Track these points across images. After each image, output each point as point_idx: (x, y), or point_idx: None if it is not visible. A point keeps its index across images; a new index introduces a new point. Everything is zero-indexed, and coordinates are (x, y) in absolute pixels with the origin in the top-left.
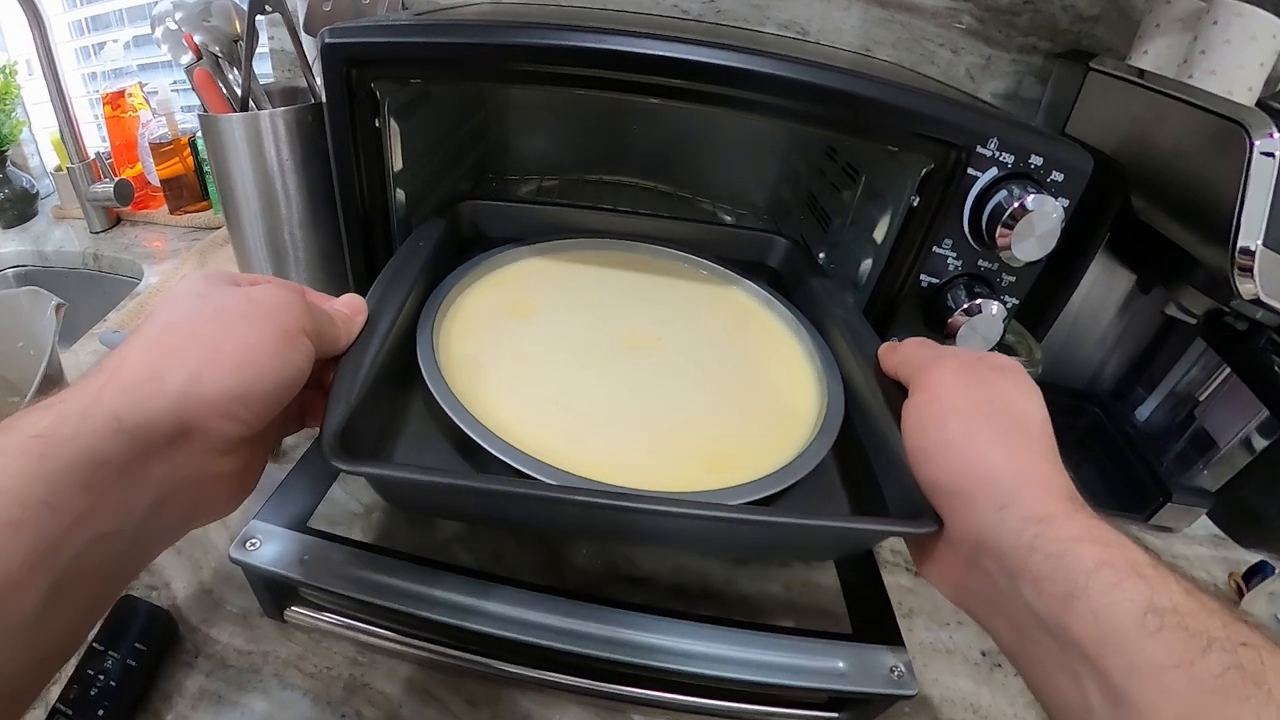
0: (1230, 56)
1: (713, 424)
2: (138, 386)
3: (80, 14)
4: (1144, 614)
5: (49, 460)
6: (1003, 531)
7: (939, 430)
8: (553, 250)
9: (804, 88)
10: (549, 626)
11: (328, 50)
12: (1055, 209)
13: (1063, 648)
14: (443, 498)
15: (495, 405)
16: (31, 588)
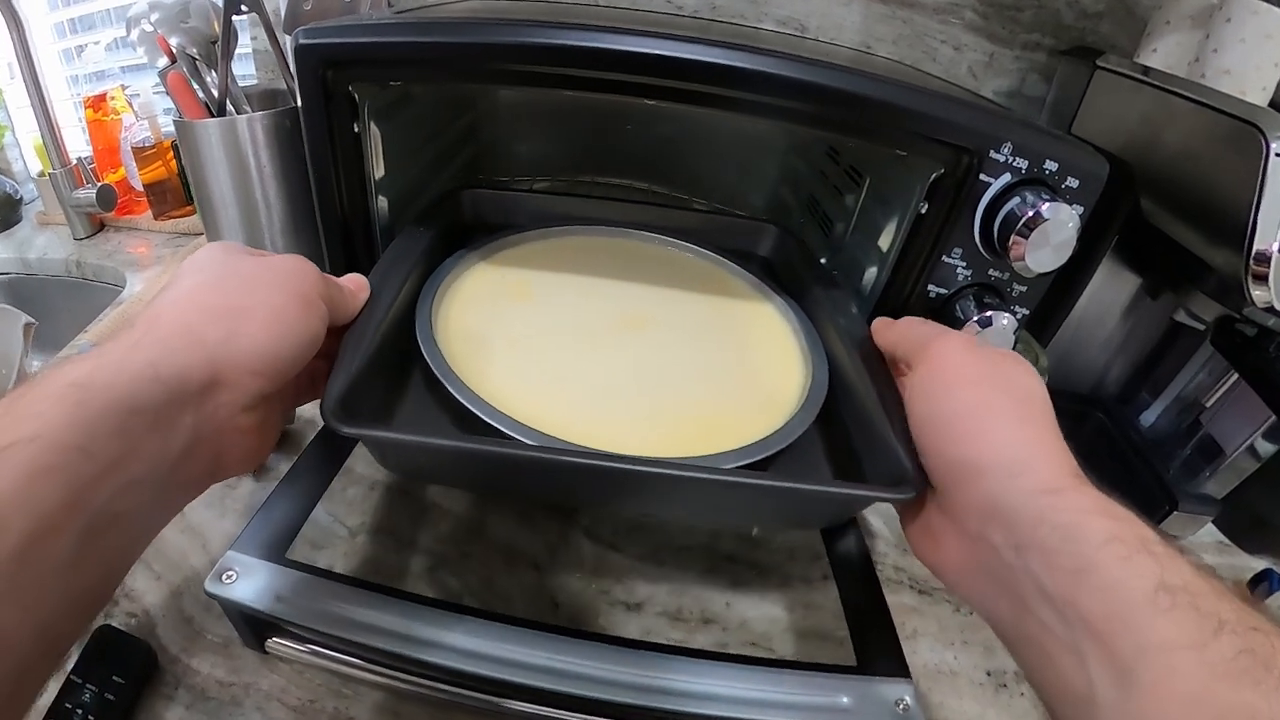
0: (1245, 55)
1: (701, 398)
2: (174, 339)
3: (63, 15)
4: (1155, 591)
5: (85, 407)
6: (1013, 501)
7: (949, 400)
8: (549, 236)
9: (806, 87)
10: (540, 666)
11: (301, 52)
12: (1071, 217)
13: (1068, 626)
14: (433, 459)
15: (490, 378)
16: (67, 531)
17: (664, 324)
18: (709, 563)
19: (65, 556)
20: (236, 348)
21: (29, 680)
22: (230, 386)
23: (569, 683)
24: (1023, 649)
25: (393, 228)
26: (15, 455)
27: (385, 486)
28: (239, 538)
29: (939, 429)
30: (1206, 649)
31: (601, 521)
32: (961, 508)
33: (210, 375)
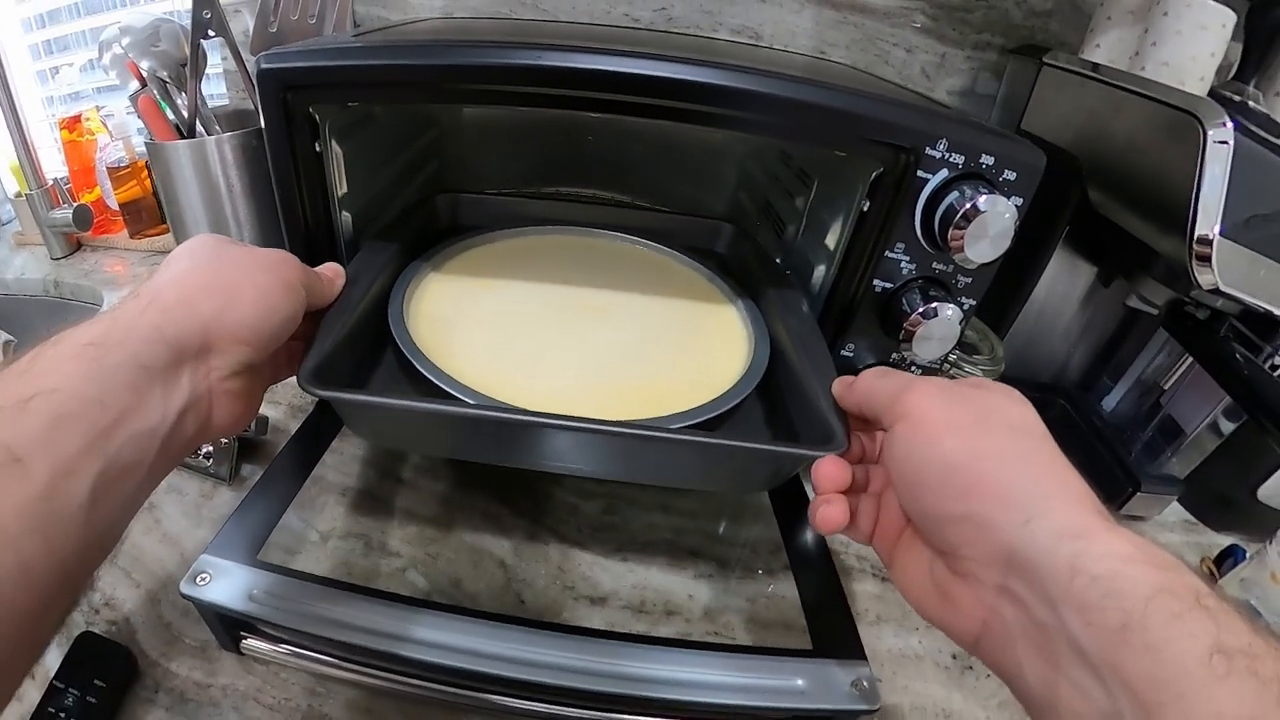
0: (1181, 47)
1: (651, 371)
2: (175, 308)
3: (38, 37)
4: (1210, 655)
5: (100, 364)
6: (1036, 550)
7: (935, 453)
8: (518, 236)
9: (745, 96)
10: (507, 657)
11: (263, 76)
12: (1008, 209)
13: (1110, 694)
14: (392, 420)
15: (455, 355)
16: (85, 474)
17: (621, 311)
18: (672, 557)
19: (83, 498)
20: (228, 319)
21: (50, 615)
22: (220, 352)
23: (535, 672)
24: (1053, 718)
25: (357, 241)
26: (38, 405)
27: (356, 492)
28: (212, 541)
29: (933, 488)
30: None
31: (566, 521)
32: (976, 565)
33: (204, 341)
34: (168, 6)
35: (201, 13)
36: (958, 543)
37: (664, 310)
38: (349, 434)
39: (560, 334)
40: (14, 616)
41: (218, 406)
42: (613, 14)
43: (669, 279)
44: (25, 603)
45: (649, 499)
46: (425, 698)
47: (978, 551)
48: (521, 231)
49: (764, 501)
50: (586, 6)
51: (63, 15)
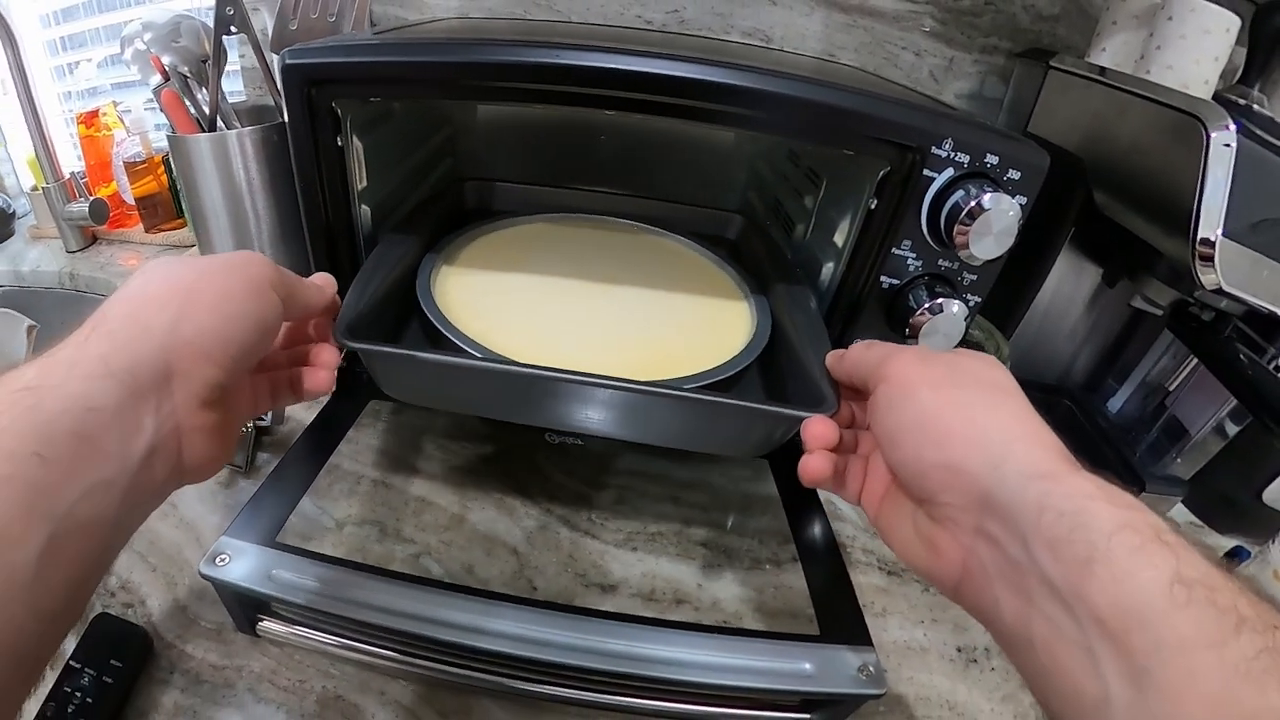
0: (1185, 51)
1: (661, 343)
2: (123, 331)
3: (55, 33)
4: (1171, 584)
5: (38, 411)
6: (1007, 491)
7: (912, 407)
8: (536, 221)
9: (755, 95)
10: (519, 636)
11: (287, 71)
12: (1012, 207)
13: (1079, 624)
14: (415, 373)
15: (477, 321)
16: (27, 541)
17: (633, 290)
18: (681, 547)
19: (28, 570)
20: (185, 331)
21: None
22: (184, 376)
23: (548, 651)
24: (1030, 654)
25: (375, 235)
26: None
27: (371, 481)
28: (231, 524)
29: (910, 437)
30: (1226, 648)
31: (577, 511)
32: (954, 509)
33: (163, 365)
34: (187, 3)
35: (224, 9)
36: (936, 489)
37: (673, 290)
38: (364, 423)
39: (575, 309)
40: None
41: (188, 445)
42: (626, 15)
43: (678, 262)
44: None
45: (659, 490)
46: (439, 679)
47: (954, 497)
48: (540, 217)
49: (772, 493)
50: (600, 8)
51: (79, 11)
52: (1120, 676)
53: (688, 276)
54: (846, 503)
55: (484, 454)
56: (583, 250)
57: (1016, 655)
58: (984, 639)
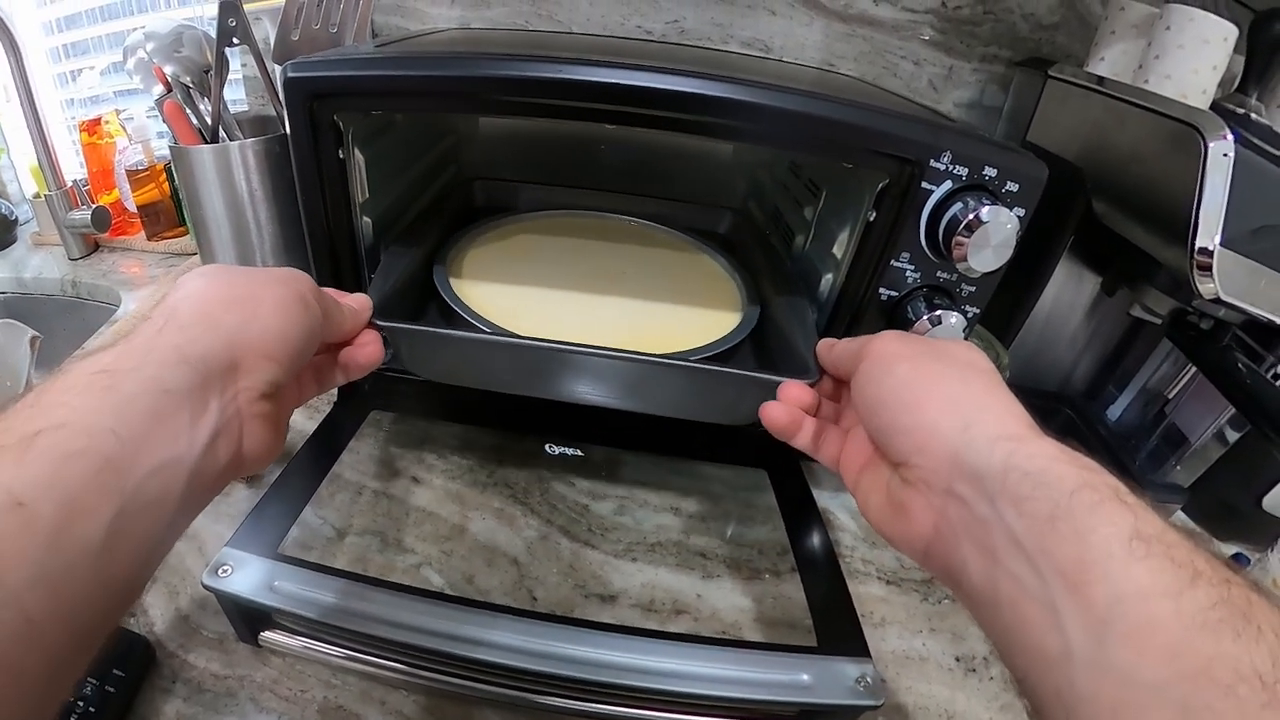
0: (1184, 61)
1: (659, 323)
2: (194, 326)
3: (58, 40)
4: (1129, 539)
5: (115, 391)
6: (975, 452)
7: (890, 377)
8: (545, 217)
9: (756, 109)
10: (520, 648)
11: (290, 84)
12: (1010, 219)
13: (1043, 580)
14: (438, 350)
15: (489, 306)
16: (99, 516)
17: (633, 276)
18: (680, 558)
19: (96, 543)
20: (252, 332)
21: (62, 674)
22: (248, 371)
23: (548, 663)
24: (996, 613)
25: (377, 246)
26: (44, 442)
27: (372, 491)
28: (234, 535)
29: (886, 404)
30: (1183, 598)
31: (577, 521)
32: (926, 471)
33: (230, 359)
34: (187, 13)
35: (227, 21)
36: (909, 451)
37: (670, 278)
38: (365, 434)
39: (581, 297)
40: (19, 681)
41: (249, 432)
42: (626, 26)
43: (673, 253)
44: (33, 665)
45: (659, 500)
46: (440, 689)
47: (926, 459)
48: (548, 214)
49: (771, 504)
50: (601, 19)
51: (82, 19)
52: (1082, 630)
53: (683, 267)
54: (846, 515)
55: (484, 465)
56: (586, 243)
57: (983, 615)
58: (983, 648)
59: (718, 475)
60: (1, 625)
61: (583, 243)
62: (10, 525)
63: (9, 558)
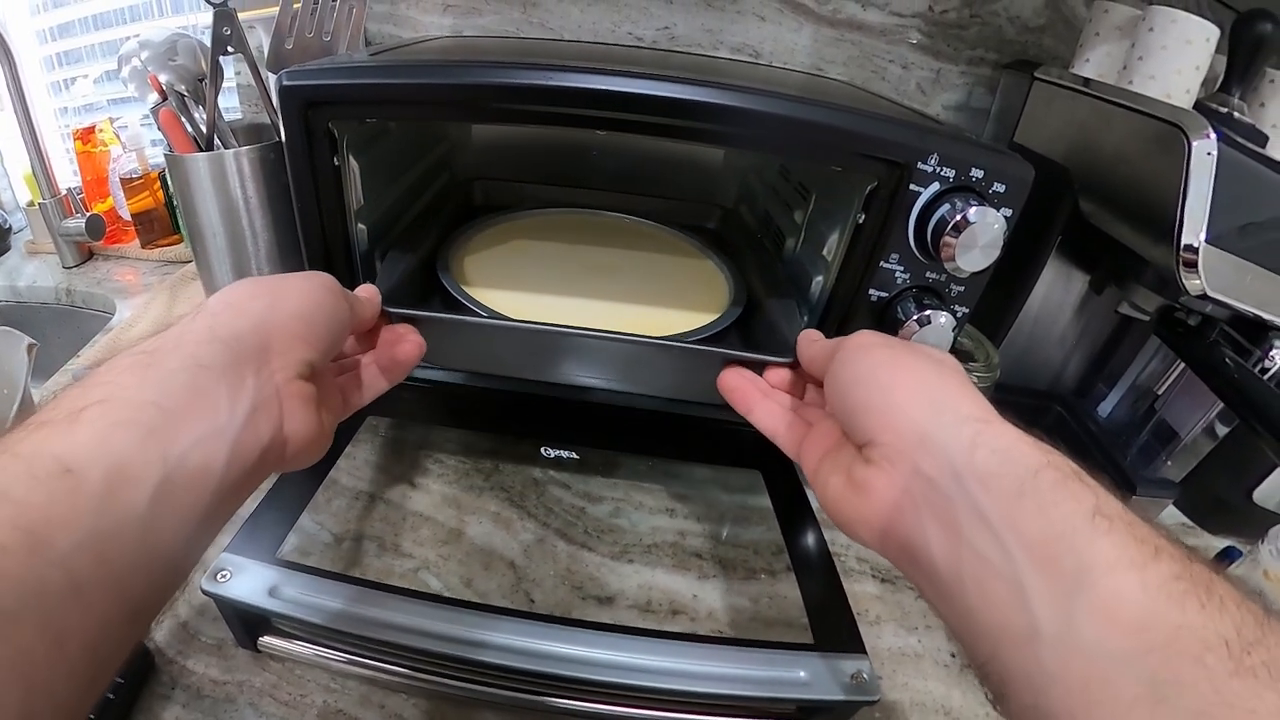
0: (1167, 61)
1: (650, 313)
2: (224, 313)
3: (51, 49)
4: (1093, 515)
5: (156, 367)
6: (943, 428)
7: (866, 359)
8: (539, 215)
9: (746, 115)
10: (519, 649)
11: (285, 93)
12: (997, 220)
13: (1008, 556)
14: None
15: (490, 298)
16: (144, 482)
17: (626, 270)
18: (677, 559)
19: (142, 508)
20: (279, 315)
21: (108, 647)
22: (280, 351)
23: (548, 663)
24: (958, 592)
25: (371, 252)
26: (91, 414)
27: (369, 496)
28: (232, 540)
29: (860, 382)
30: (1148, 570)
31: (574, 524)
32: (892, 449)
33: (262, 339)
34: (180, 21)
35: (222, 29)
36: (877, 429)
37: (660, 271)
38: (361, 439)
39: (577, 285)
40: (62, 644)
41: (289, 412)
42: (618, 33)
43: (664, 247)
44: (77, 629)
45: (654, 503)
46: (440, 692)
47: (893, 436)
48: (543, 211)
49: (766, 505)
50: (592, 25)
51: (75, 28)
52: (1049, 605)
53: (674, 259)
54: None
55: (480, 469)
56: (580, 238)
57: (945, 597)
58: None
59: (712, 477)
60: (48, 586)
61: (577, 239)
62: (58, 490)
63: (57, 521)
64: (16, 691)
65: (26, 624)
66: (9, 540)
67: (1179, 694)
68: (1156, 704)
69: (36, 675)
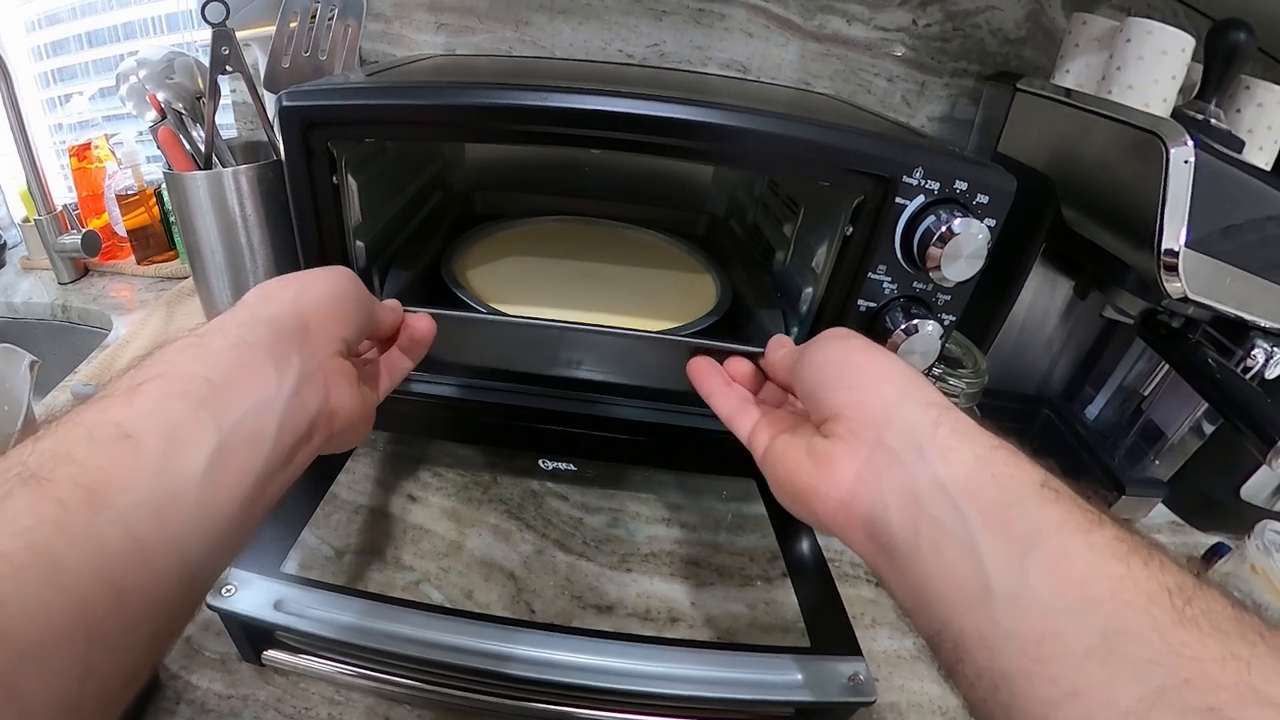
0: (1145, 71)
1: (643, 309)
2: (261, 301)
3: (46, 66)
4: (1041, 486)
5: (204, 346)
6: (908, 410)
7: (841, 344)
8: (536, 223)
9: (736, 133)
10: (520, 657)
11: (285, 113)
12: (981, 230)
13: (964, 520)
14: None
15: (489, 298)
16: (200, 447)
17: (618, 273)
18: (674, 567)
19: (199, 471)
20: (309, 299)
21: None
22: (319, 331)
23: (550, 671)
24: (915, 560)
25: (370, 269)
26: (145, 388)
27: (369, 510)
28: None
29: (834, 361)
30: (1093, 533)
31: (572, 535)
32: (857, 423)
33: (298, 319)
34: (176, 38)
35: (220, 48)
36: (845, 404)
37: (651, 272)
38: (361, 454)
39: (571, 287)
40: (126, 599)
41: (334, 387)
42: (608, 50)
43: (654, 252)
44: (139, 582)
45: (651, 512)
46: (444, 703)
47: (860, 411)
48: (538, 220)
49: (760, 513)
50: (583, 43)
51: (70, 45)
52: (1002, 565)
53: (663, 264)
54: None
55: (479, 481)
56: (575, 244)
57: (900, 566)
58: None
59: (708, 486)
60: (109, 542)
61: (571, 247)
62: (118, 453)
63: (117, 482)
64: (79, 643)
65: (88, 577)
66: (71, 496)
67: (1129, 643)
68: (1108, 654)
69: (97, 627)
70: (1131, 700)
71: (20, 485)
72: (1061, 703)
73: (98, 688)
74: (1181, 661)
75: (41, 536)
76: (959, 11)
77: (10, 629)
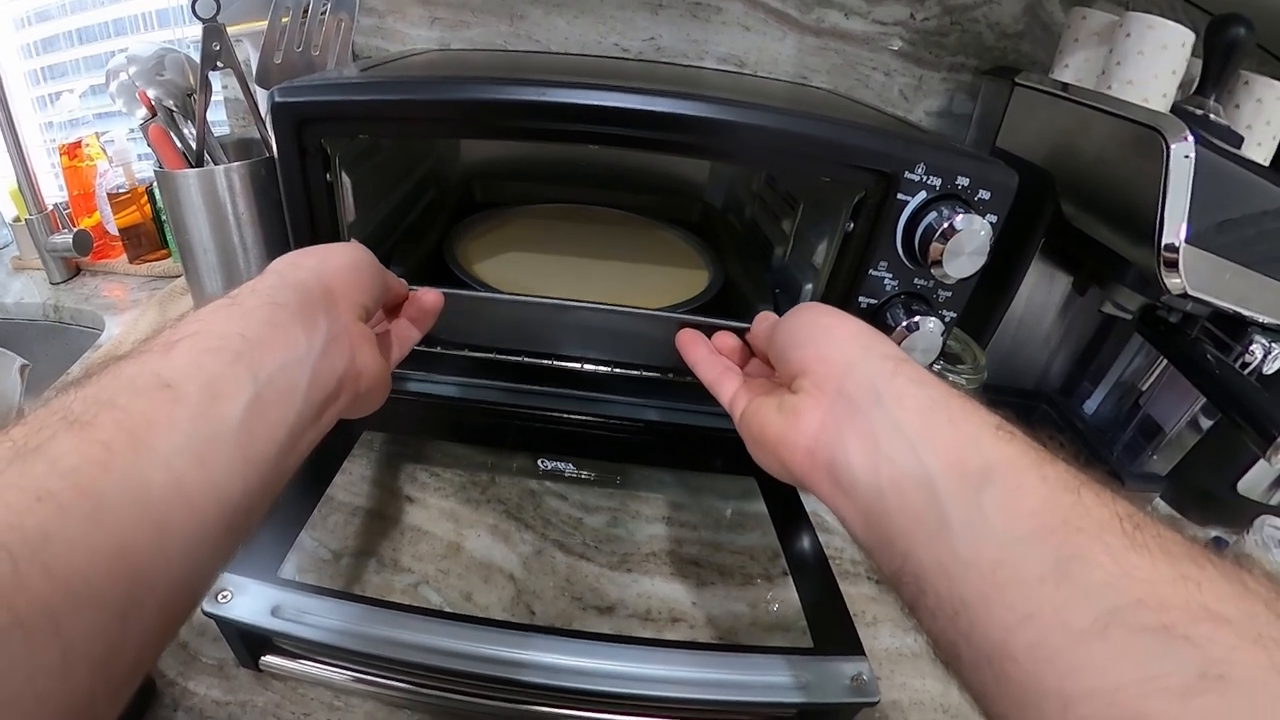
0: (1144, 66)
1: (637, 290)
2: (287, 269)
3: (36, 64)
4: (995, 429)
5: (237, 305)
6: (867, 363)
7: (812, 313)
8: (536, 208)
9: (734, 128)
10: (521, 661)
11: (278, 110)
12: (983, 227)
13: (920, 459)
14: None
15: (491, 279)
16: (236, 398)
17: (615, 255)
18: (674, 567)
19: (235, 421)
20: (331, 266)
21: (208, 548)
22: (341, 295)
23: (551, 675)
24: (875, 499)
25: None
26: (183, 344)
27: (366, 512)
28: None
29: (805, 326)
30: (1045, 468)
31: (571, 535)
32: (820, 376)
33: (322, 286)
34: (166, 35)
35: (211, 45)
36: (810, 360)
37: (646, 256)
38: (357, 455)
39: (570, 268)
40: (167, 538)
41: (359, 349)
42: (604, 44)
43: (650, 237)
44: (181, 522)
45: (650, 512)
46: (444, 707)
47: (824, 366)
48: (539, 207)
49: (761, 511)
50: (579, 37)
51: (60, 42)
52: (958, 498)
53: (658, 248)
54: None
55: (477, 481)
56: (573, 230)
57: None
58: None
59: (707, 484)
60: (151, 484)
61: (570, 231)
62: (159, 400)
63: (160, 426)
64: (122, 581)
65: (131, 516)
66: (114, 439)
67: (1082, 568)
68: (1062, 578)
69: (140, 566)
70: (1086, 621)
71: (65, 428)
72: (1018, 626)
73: (138, 627)
74: (1133, 583)
75: (86, 477)
76: (957, 6)
77: (55, 565)
